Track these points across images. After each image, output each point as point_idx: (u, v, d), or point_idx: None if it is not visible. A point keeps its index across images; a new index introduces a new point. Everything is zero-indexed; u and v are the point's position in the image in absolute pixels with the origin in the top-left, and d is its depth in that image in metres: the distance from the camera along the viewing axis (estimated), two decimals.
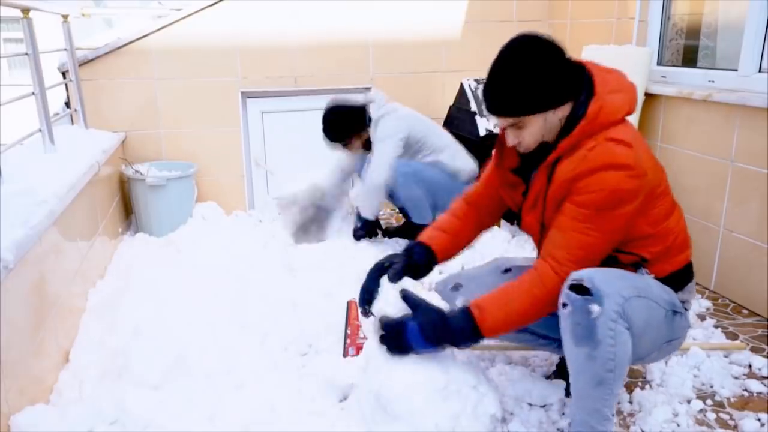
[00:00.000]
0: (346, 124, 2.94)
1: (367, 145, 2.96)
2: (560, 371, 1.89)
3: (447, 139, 3.03)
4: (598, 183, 1.38)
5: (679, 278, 1.57)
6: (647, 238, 1.50)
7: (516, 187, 1.63)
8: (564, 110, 1.44)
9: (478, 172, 2.87)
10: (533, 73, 1.39)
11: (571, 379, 1.46)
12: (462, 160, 2.98)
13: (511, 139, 1.50)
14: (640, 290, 1.42)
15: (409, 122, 2.92)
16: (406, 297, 1.57)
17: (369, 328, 1.92)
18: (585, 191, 1.39)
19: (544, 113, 1.42)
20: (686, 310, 1.59)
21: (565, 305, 1.39)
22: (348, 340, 2.04)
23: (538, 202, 1.54)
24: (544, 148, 1.49)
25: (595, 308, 1.34)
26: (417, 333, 1.51)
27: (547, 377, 1.91)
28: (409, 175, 2.86)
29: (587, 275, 1.37)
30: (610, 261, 1.49)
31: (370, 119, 2.92)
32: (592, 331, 1.35)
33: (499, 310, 1.47)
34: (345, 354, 2.00)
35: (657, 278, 1.53)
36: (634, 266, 1.52)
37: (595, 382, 1.40)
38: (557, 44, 1.43)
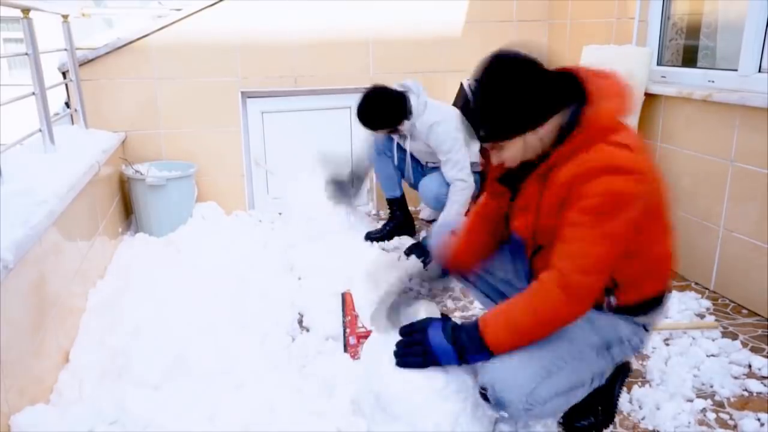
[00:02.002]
0: (391, 114, 2.89)
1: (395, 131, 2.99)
2: None
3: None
4: (598, 186, 1.30)
5: (646, 306, 1.53)
6: (629, 258, 1.41)
7: (503, 195, 1.61)
8: (548, 127, 1.39)
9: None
10: (504, 98, 1.36)
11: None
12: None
13: (494, 159, 1.50)
14: (553, 365, 1.40)
15: (453, 114, 2.91)
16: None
17: (367, 319, 1.97)
18: (585, 196, 1.32)
19: (521, 136, 1.39)
20: (645, 329, 1.57)
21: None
22: (347, 330, 2.05)
23: (529, 208, 1.49)
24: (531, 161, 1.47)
25: (504, 414, 1.39)
26: (440, 333, 1.47)
27: None
28: (381, 153, 3.12)
29: (489, 381, 1.39)
30: None
31: (410, 110, 2.89)
32: (519, 418, 1.47)
33: (504, 329, 1.41)
34: (346, 344, 2.02)
35: (619, 306, 1.49)
36: (604, 291, 1.47)
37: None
38: (535, 60, 1.36)
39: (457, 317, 2.33)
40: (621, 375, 1.72)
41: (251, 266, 2.71)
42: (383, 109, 2.87)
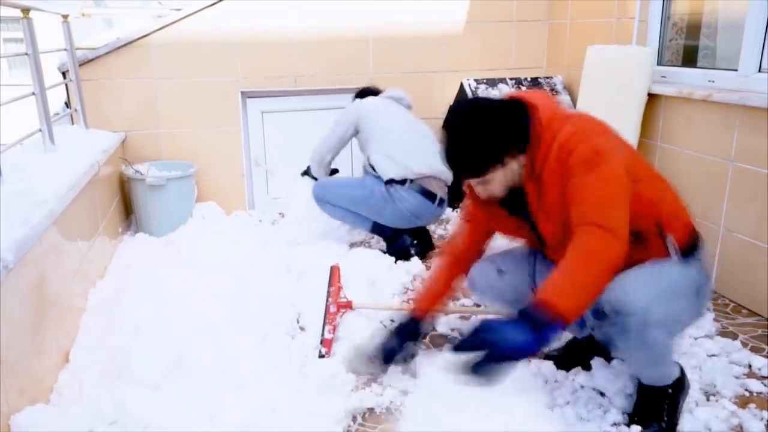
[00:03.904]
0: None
1: None
2: (569, 352, 1.96)
3: (394, 137, 2.87)
4: (581, 151, 1.46)
5: (694, 245, 1.62)
6: (653, 204, 1.55)
7: (506, 217, 1.71)
8: (522, 153, 1.54)
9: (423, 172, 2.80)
10: (475, 134, 1.52)
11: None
12: (395, 160, 2.81)
13: (482, 194, 1.62)
14: (669, 291, 1.49)
15: (362, 112, 2.96)
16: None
17: (349, 292, 2.21)
18: (574, 163, 1.46)
19: (501, 167, 1.53)
20: (706, 275, 1.64)
21: (600, 319, 1.46)
22: (330, 299, 2.18)
23: (541, 207, 1.58)
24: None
25: (632, 321, 1.44)
26: (511, 328, 1.36)
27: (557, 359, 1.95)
28: (317, 199, 2.95)
29: (613, 295, 1.43)
30: (634, 239, 1.48)
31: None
32: (643, 338, 1.46)
33: (571, 291, 1.37)
34: (326, 311, 2.14)
35: (680, 248, 1.56)
36: (660, 237, 1.56)
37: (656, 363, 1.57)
38: (493, 101, 1.57)
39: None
40: (683, 387, 1.72)
41: (251, 266, 2.71)
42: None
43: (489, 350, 1.33)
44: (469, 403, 1.68)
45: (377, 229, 2.97)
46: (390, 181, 2.80)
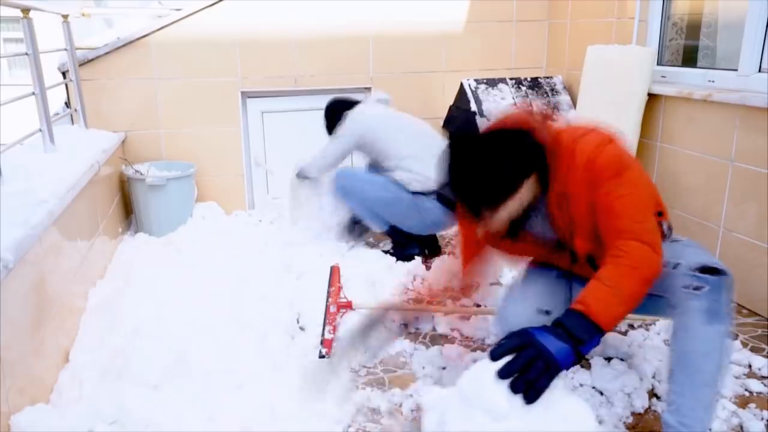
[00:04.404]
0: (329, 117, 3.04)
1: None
2: None
3: (409, 149, 2.83)
4: (602, 161, 1.46)
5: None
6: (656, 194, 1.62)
7: (514, 243, 1.68)
8: (532, 179, 1.51)
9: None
10: (488, 166, 1.48)
11: (688, 369, 1.44)
12: (416, 173, 2.78)
13: (494, 225, 1.54)
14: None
15: (368, 125, 2.89)
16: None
17: (350, 291, 2.21)
18: (600, 174, 1.46)
19: (516, 195, 1.49)
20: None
21: (698, 288, 1.43)
22: (330, 299, 2.17)
23: (573, 223, 1.56)
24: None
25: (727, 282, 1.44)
26: (551, 337, 1.29)
27: None
28: (339, 190, 2.90)
29: (707, 260, 1.46)
30: None
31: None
32: (721, 307, 1.42)
33: (613, 302, 1.36)
34: (326, 311, 2.12)
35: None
36: (660, 224, 1.58)
37: (719, 367, 1.44)
38: (492, 132, 1.54)
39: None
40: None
41: (251, 266, 2.71)
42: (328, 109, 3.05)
43: (526, 362, 1.26)
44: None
45: (392, 231, 2.94)
46: (416, 192, 2.78)
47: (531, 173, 1.51)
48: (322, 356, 2.02)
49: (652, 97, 2.86)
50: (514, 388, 1.24)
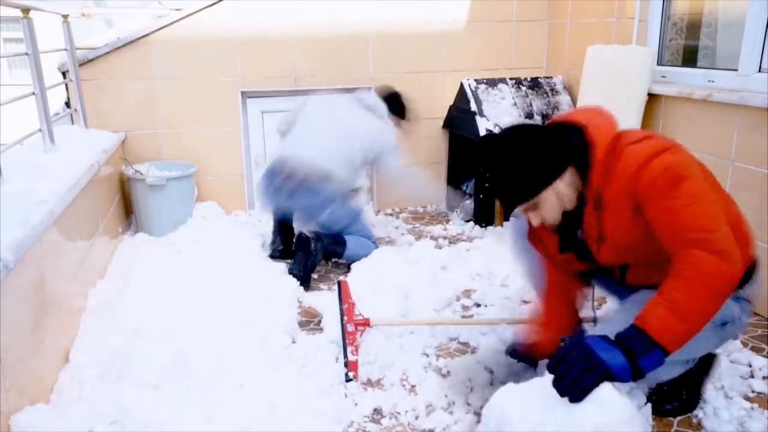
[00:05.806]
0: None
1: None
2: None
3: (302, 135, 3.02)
4: (654, 172, 1.38)
5: (745, 276, 1.52)
6: None
7: (570, 259, 1.69)
8: (571, 173, 1.49)
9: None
10: (520, 157, 1.47)
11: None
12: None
13: (535, 221, 1.56)
14: None
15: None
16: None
17: (363, 307, 2.08)
18: (651, 187, 1.38)
19: (551, 186, 1.47)
20: (749, 303, 1.59)
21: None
22: (345, 317, 2.07)
23: (603, 236, 1.53)
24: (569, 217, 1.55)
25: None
26: (603, 344, 1.27)
27: None
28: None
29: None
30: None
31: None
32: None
33: (672, 317, 1.27)
34: (344, 331, 2.03)
35: None
36: None
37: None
38: (535, 125, 1.56)
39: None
40: (709, 362, 1.77)
41: (251, 266, 2.71)
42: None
43: (582, 376, 1.23)
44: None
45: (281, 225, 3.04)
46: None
47: (566, 165, 1.47)
48: (349, 380, 1.92)
49: (652, 97, 2.86)
50: (560, 391, 1.24)
